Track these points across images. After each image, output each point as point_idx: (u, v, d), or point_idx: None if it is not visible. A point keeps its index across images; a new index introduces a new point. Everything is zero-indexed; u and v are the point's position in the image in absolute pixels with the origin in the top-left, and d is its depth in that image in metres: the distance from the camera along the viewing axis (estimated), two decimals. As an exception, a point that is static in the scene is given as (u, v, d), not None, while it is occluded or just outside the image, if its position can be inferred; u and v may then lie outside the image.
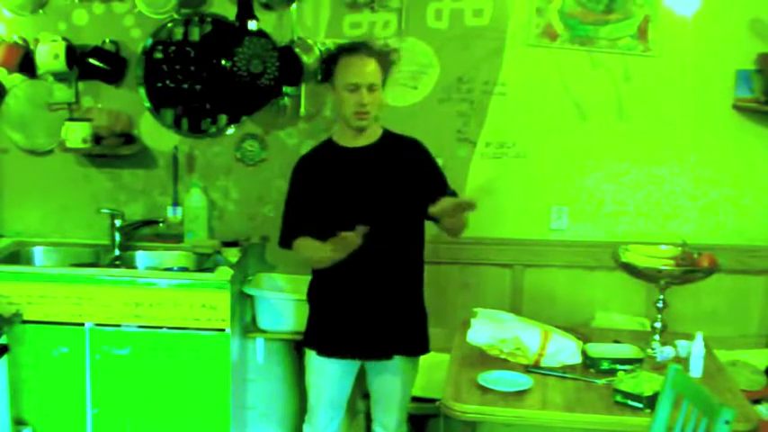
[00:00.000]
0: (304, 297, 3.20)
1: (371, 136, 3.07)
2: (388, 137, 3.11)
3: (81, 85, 3.93)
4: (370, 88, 2.93)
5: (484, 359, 3.01)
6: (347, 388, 3.20)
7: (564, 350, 3.00)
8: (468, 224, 3.08)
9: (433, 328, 3.20)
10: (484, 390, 2.76)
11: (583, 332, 3.29)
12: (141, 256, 3.90)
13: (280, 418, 4.02)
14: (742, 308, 3.89)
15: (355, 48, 3.00)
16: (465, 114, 3.86)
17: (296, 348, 3.85)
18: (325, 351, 3.09)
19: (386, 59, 3.01)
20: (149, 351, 3.51)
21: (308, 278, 3.18)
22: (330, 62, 3.02)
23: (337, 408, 3.21)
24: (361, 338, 3.05)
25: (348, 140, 3.06)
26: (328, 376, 3.13)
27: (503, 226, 3.88)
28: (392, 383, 3.15)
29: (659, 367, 2.96)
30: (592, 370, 2.95)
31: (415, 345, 3.13)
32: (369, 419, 3.39)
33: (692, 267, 3.16)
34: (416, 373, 3.21)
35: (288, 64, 3.71)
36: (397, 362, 3.10)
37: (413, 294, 3.13)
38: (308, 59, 3.78)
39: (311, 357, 3.14)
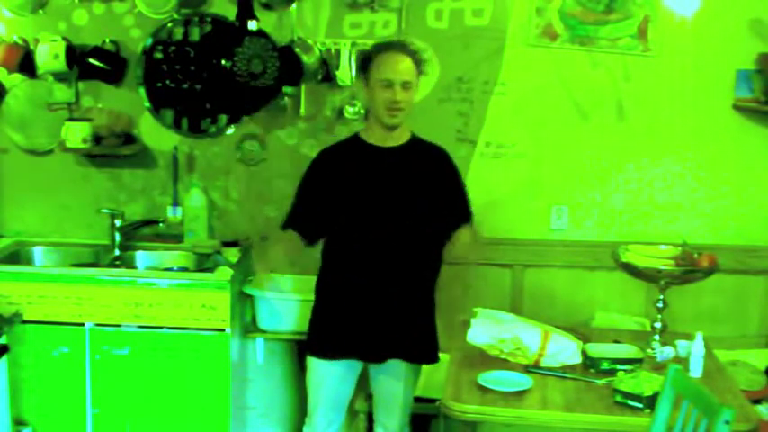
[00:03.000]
0: (304, 297, 3.20)
1: (400, 137, 3.05)
2: (417, 141, 3.09)
3: (81, 85, 3.93)
4: (404, 86, 2.92)
5: (484, 359, 3.01)
6: (348, 390, 3.19)
7: (564, 350, 3.00)
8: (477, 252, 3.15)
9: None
10: (484, 390, 2.76)
11: (583, 332, 3.29)
12: (141, 256, 3.89)
13: (279, 418, 4.02)
14: (742, 308, 3.90)
15: (392, 45, 3.00)
16: (465, 114, 3.87)
17: (297, 349, 3.84)
18: (329, 353, 3.08)
19: (421, 60, 3.00)
20: (149, 351, 3.51)
21: (308, 278, 3.17)
22: (366, 58, 3.00)
23: (337, 411, 3.20)
24: (361, 339, 3.04)
25: (377, 139, 3.03)
26: (329, 378, 3.12)
27: (503, 226, 3.87)
28: (394, 386, 3.14)
29: (659, 367, 2.96)
30: (592, 370, 2.95)
31: (417, 352, 3.10)
32: (371, 420, 3.39)
33: (692, 267, 3.17)
34: (419, 377, 3.21)
35: (288, 64, 3.71)
36: (399, 365, 3.10)
37: (422, 302, 3.10)
38: (308, 59, 3.78)
39: (313, 359, 3.14)
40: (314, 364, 3.13)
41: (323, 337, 3.10)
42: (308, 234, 3.07)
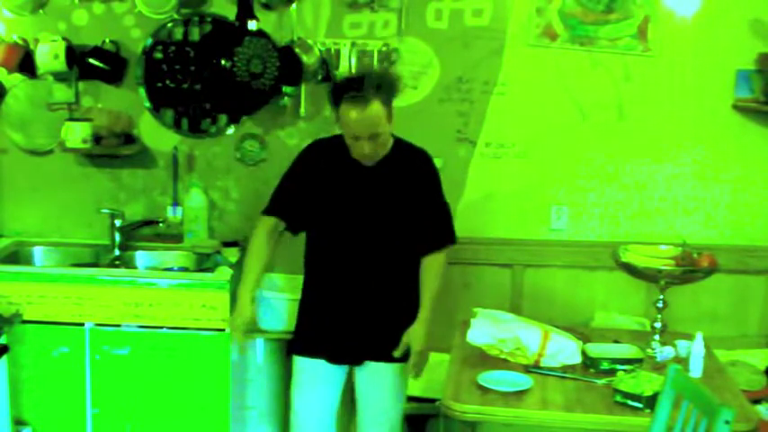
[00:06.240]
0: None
1: None
2: (400, 147, 3.04)
3: (81, 85, 3.93)
4: (372, 137, 2.86)
5: (484, 359, 3.01)
6: (333, 403, 3.21)
7: (564, 350, 3.00)
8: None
9: (434, 327, 3.18)
10: (484, 390, 2.76)
11: (583, 332, 3.30)
12: (141, 256, 3.89)
13: (279, 419, 4.02)
14: (742, 308, 3.90)
15: (356, 96, 2.80)
16: (465, 114, 3.86)
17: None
18: (307, 350, 3.11)
19: (391, 90, 2.90)
20: (149, 351, 3.51)
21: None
22: (335, 98, 2.89)
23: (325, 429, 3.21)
24: (337, 340, 3.06)
25: None
26: (313, 385, 3.15)
27: (503, 226, 3.88)
28: (379, 395, 3.12)
29: (659, 367, 2.96)
30: (592, 370, 2.95)
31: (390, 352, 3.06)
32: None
33: (692, 267, 3.17)
34: (405, 386, 3.16)
35: (288, 64, 3.71)
36: (381, 371, 3.07)
37: (400, 303, 3.07)
38: (308, 59, 3.78)
39: (297, 363, 3.17)
40: (298, 371, 3.16)
41: (305, 338, 3.14)
42: (292, 220, 3.07)
